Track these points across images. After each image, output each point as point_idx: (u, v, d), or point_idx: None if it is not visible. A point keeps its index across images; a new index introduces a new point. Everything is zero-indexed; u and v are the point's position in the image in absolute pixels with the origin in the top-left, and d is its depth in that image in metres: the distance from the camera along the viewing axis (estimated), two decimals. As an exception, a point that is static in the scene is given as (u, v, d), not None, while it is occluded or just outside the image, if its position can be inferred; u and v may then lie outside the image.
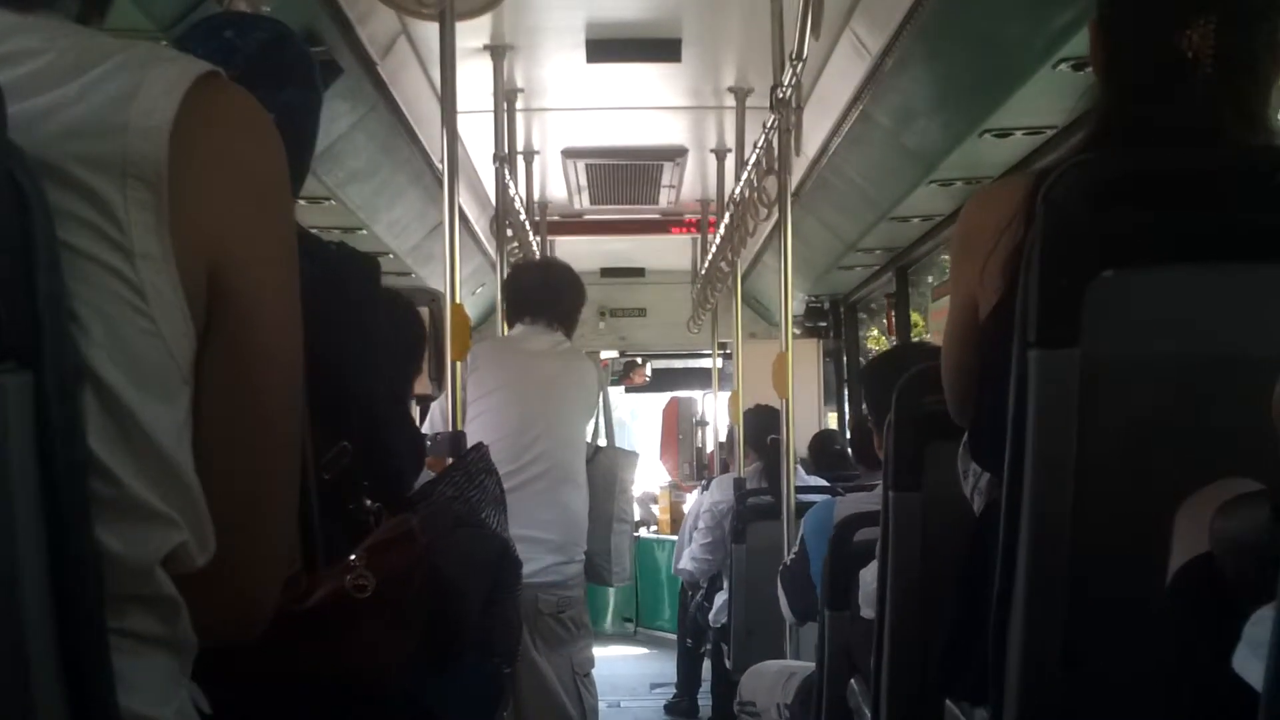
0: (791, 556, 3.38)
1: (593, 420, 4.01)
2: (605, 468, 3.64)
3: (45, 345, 0.81)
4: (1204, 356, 1.39)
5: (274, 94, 1.35)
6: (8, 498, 0.79)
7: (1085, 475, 1.37)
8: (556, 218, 6.43)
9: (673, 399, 9.20)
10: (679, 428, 8.95)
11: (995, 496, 1.56)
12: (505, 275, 3.82)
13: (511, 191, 4.37)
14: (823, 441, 5.21)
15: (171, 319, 0.87)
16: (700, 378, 8.74)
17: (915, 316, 5.51)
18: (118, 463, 0.85)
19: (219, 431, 0.92)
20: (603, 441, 4.78)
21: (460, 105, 2.84)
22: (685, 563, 5.36)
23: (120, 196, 0.85)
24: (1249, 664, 0.91)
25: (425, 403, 3.49)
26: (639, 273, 7.79)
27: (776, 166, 3.62)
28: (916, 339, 5.59)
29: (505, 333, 3.62)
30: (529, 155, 5.25)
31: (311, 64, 1.53)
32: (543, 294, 3.51)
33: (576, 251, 6.91)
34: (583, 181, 5.73)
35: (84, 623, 0.82)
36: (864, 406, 3.11)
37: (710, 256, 5.43)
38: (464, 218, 4.99)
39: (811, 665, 3.00)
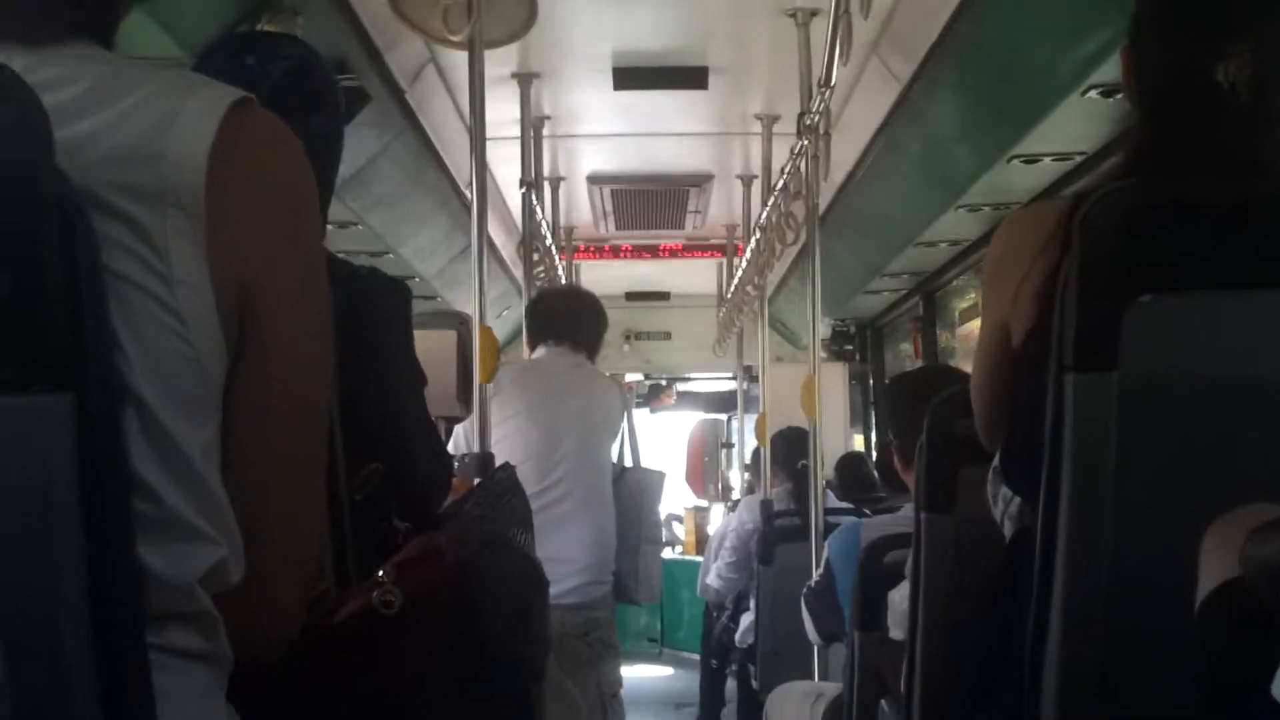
0: (816, 578, 3.36)
1: (618, 441, 4.02)
2: (632, 488, 3.64)
3: (90, 368, 0.82)
4: (1241, 381, 1.38)
5: (300, 123, 1.35)
6: (50, 517, 0.81)
7: (1122, 501, 1.35)
8: (582, 243, 6.46)
9: (700, 421, 9.19)
10: (705, 450, 8.94)
11: (1026, 523, 1.55)
12: (531, 298, 3.84)
13: (538, 217, 4.39)
14: (850, 464, 5.19)
15: (208, 343, 0.89)
16: (725, 400, 8.72)
17: (945, 337, 5.49)
18: (158, 481, 0.86)
19: (247, 451, 0.93)
20: (629, 462, 4.79)
21: (488, 132, 2.86)
22: (711, 580, 5.35)
23: (160, 225, 0.87)
24: None
25: (454, 424, 3.51)
26: (664, 296, 7.78)
27: (804, 191, 3.63)
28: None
29: (528, 355, 3.63)
30: (555, 181, 5.27)
31: (336, 88, 1.52)
32: (568, 318, 3.53)
33: (602, 276, 6.93)
34: (609, 207, 5.75)
35: (126, 640, 0.83)
36: (889, 428, 3.10)
37: (736, 280, 5.43)
38: (490, 243, 5.02)
39: (839, 686, 2.98)
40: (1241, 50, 1.40)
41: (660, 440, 9.24)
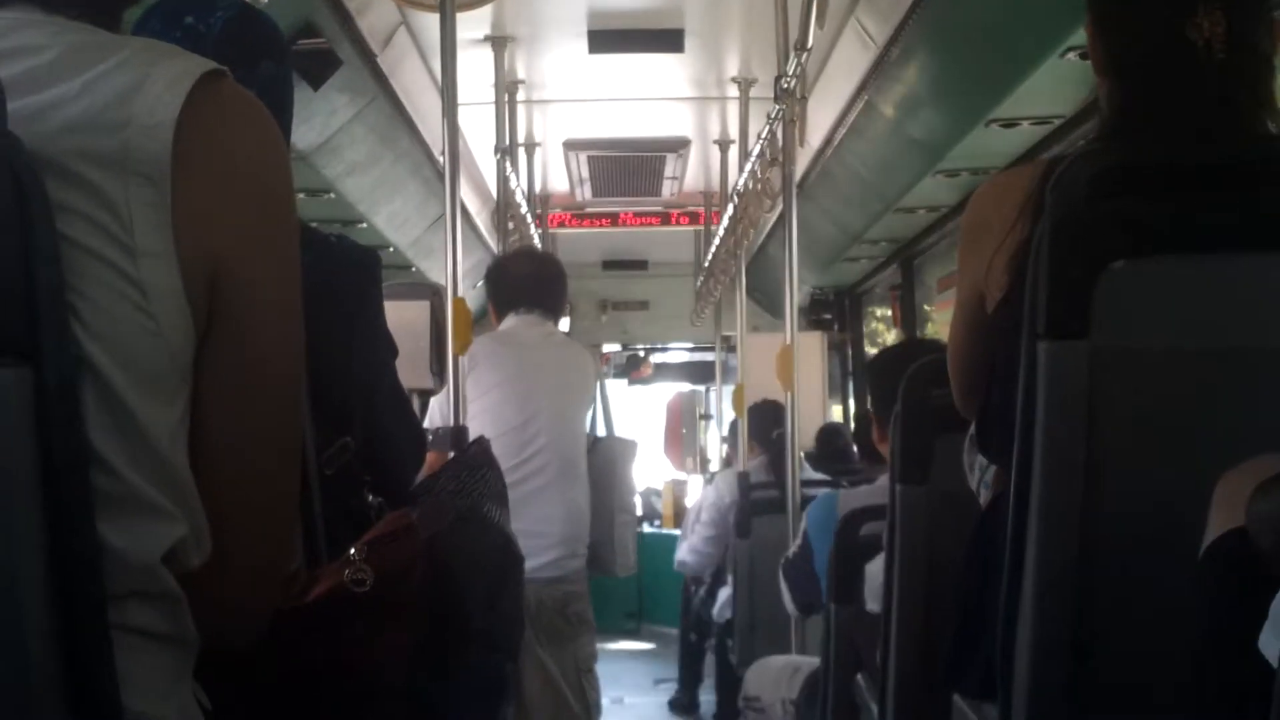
0: (794, 550, 3.36)
1: (591, 410, 4.00)
2: (605, 458, 3.62)
3: (44, 339, 0.81)
4: (1214, 347, 1.38)
5: (250, 72, 1.33)
6: (7, 492, 0.79)
7: (1094, 466, 1.36)
8: (558, 210, 6.42)
9: (676, 393, 9.19)
10: (682, 421, 8.95)
11: (1001, 490, 1.55)
12: (489, 267, 3.78)
13: (513, 184, 4.36)
14: (829, 435, 5.20)
15: (172, 317, 0.87)
16: (704, 371, 8.72)
17: (924, 305, 5.50)
18: (118, 456, 0.84)
19: (218, 431, 0.91)
20: (601, 432, 4.77)
21: (461, 97, 2.82)
22: (685, 554, 5.34)
23: (123, 193, 0.85)
24: (1273, 643, 0.89)
25: (427, 397, 3.48)
26: (641, 265, 7.77)
27: (780, 158, 3.60)
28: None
29: (495, 324, 3.59)
30: (530, 147, 5.24)
31: (278, 32, 1.50)
32: (535, 284, 3.49)
33: (578, 244, 6.90)
34: (585, 173, 5.72)
35: (87, 619, 0.82)
36: (868, 400, 3.10)
37: (713, 249, 5.41)
38: (465, 211, 4.98)
39: (817, 660, 2.99)
40: (1212, 8, 1.39)
41: (638, 412, 9.24)
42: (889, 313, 6.04)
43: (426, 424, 3.07)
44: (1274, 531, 0.98)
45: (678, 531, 6.23)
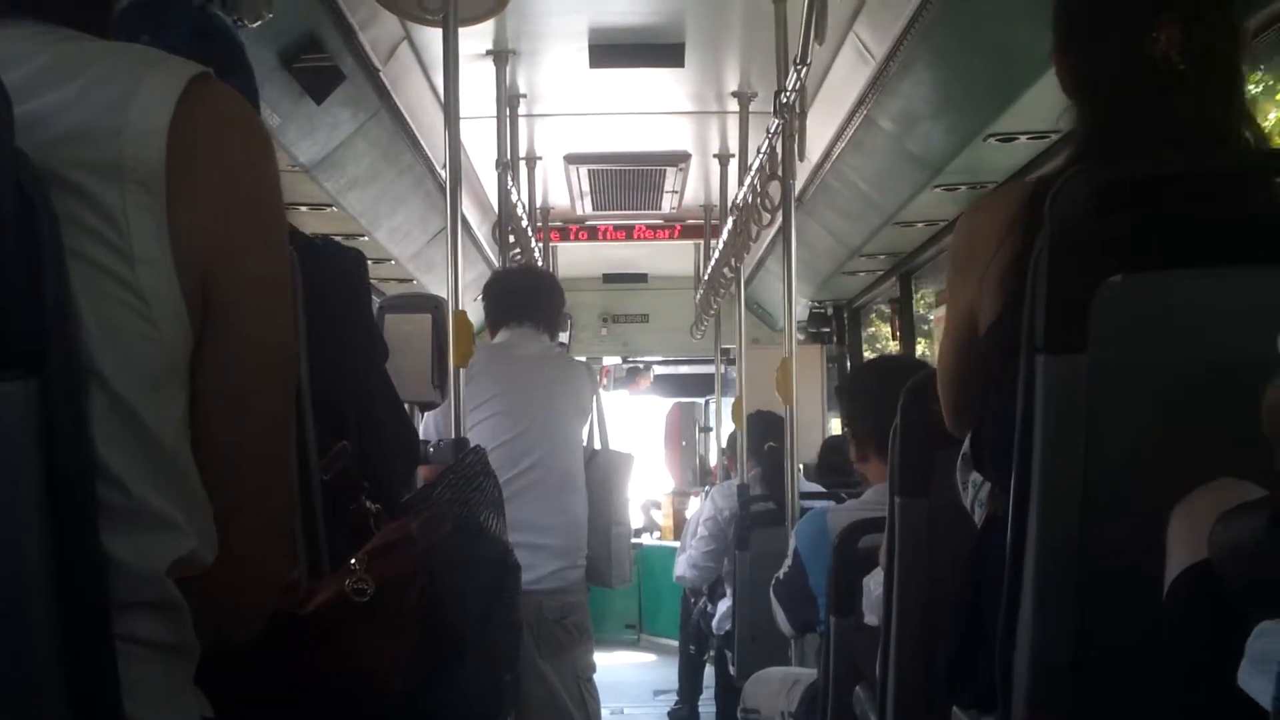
0: (785, 570, 3.35)
1: (588, 424, 4.00)
2: (603, 470, 3.63)
3: (54, 352, 0.81)
4: (1211, 360, 1.38)
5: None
6: (13, 505, 0.80)
7: (1093, 481, 1.36)
8: (559, 223, 6.43)
9: (675, 405, 9.19)
10: (681, 434, 8.94)
11: (997, 507, 1.55)
12: (487, 282, 3.80)
13: (514, 197, 4.37)
14: (831, 448, 5.20)
15: (170, 322, 0.88)
16: (703, 383, 8.72)
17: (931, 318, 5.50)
18: (126, 468, 0.85)
19: (214, 432, 0.92)
20: (598, 445, 4.78)
21: (463, 111, 2.83)
22: (683, 569, 5.33)
23: (119, 201, 0.86)
24: (1254, 680, 0.89)
25: (425, 410, 3.48)
26: (641, 278, 7.78)
27: (780, 171, 3.61)
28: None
29: (490, 339, 3.60)
30: (531, 161, 5.25)
31: (239, 42, 1.48)
32: (530, 299, 3.50)
33: (579, 257, 6.91)
34: (585, 187, 5.73)
35: (91, 629, 0.82)
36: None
37: (713, 262, 5.42)
38: (466, 224, 4.99)
39: (815, 672, 2.98)
40: (1169, 20, 1.40)
41: (635, 425, 9.23)
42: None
43: (421, 436, 3.08)
44: (1241, 564, 0.98)
45: (677, 544, 6.23)
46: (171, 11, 1.42)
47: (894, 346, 5.74)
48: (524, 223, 4.68)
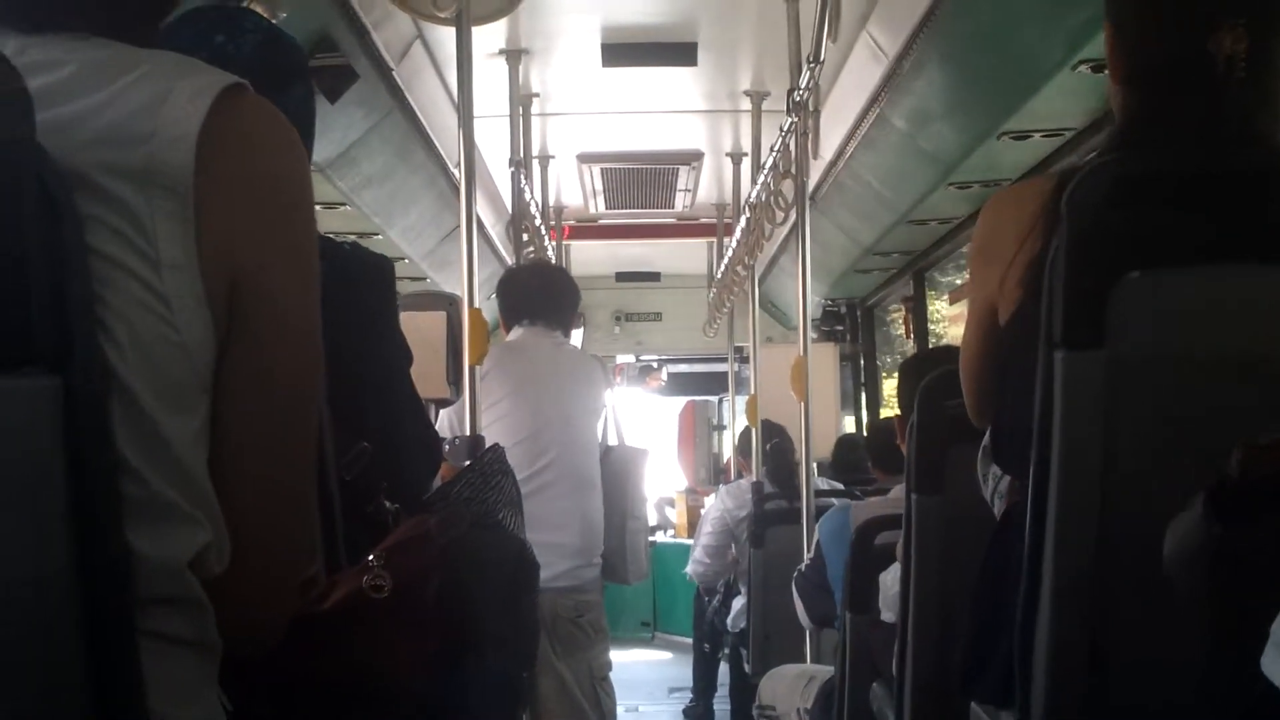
0: (807, 563, 3.36)
1: (602, 420, 4.01)
2: (617, 466, 3.63)
3: (76, 350, 0.81)
4: (1230, 357, 1.38)
5: (283, 94, 1.34)
6: (37, 500, 0.80)
7: (1110, 475, 1.36)
8: (572, 222, 6.43)
9: (689, 403, 9.19)
10: (695, 432, 8.94)
11: (1016, 500, 1.55)
12: (500, 279, 3.81)
13: (527, 196, 4.37)
14: (846, 447, 5.20)
15: (195, 328, 0.88)
16: (717, 382, 8.72)
17: (935, 316, 5.49)
18: (142, 464, 0.85)
19: (237, 438, 0.92)
20: (613, 440, 4.78)
21: (476, 110, 2.84)
22: (689, 565, 5.38)
23: (147, 206, 0.86)
24: (1277, 666, 0.89)
25: (442, 406, 3.49)
26: (654, 277, 7.78)
27: (793, 170, 3.61)
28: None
29: (505, 336, 3.61)
30: (544, 159, 5.25)
31: (304, 54, 1.52)
32: (542, 296, 3.51)
33: (592, 256, 6.92)
34: (598, 186, 5.73)
35: (115, 624, 0.83)
36: (899, 402, 3.10)
37: (726, 260, 5.42)
38: (480, 223, 4.99)
39: (831, 669, 2.98)
40: (1235, 24, 1.38)
41: (650, 422, 9.24)
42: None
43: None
44: (1182, 567, 0.98)
45: (690, 541, 6.24)
46: (245, 19, 1.45)
47: (911, 347, 5.73)
48: (537, 221, 4.69)
